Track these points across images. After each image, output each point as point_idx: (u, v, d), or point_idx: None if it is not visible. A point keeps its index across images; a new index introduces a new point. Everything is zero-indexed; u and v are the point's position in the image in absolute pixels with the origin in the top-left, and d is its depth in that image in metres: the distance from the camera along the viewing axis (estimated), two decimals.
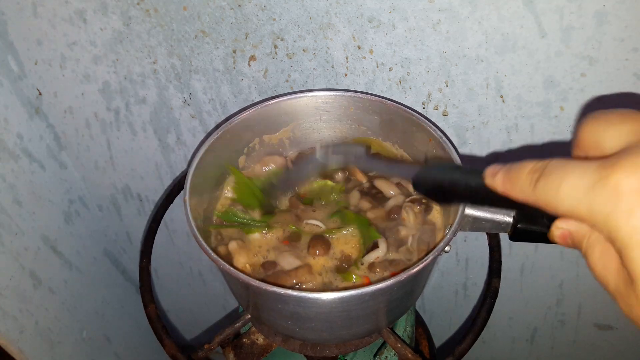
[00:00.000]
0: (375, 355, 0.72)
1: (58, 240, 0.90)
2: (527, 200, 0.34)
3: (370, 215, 0.63)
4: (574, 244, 0.34)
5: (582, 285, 0.90)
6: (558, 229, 0.35)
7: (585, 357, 1.06)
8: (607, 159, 0.30)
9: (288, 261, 0.58)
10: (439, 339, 1.15)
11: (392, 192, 0.65)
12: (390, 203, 0.64)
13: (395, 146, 0.68)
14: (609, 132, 0.32)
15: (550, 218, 0.52)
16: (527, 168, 0.34)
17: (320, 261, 0.59)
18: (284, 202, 0.66)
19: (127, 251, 1.13)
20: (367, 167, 0.66)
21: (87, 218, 1.00)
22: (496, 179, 0.37)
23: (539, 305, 0.98)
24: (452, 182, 0.44)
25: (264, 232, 0.61)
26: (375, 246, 0.59)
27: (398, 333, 0.71)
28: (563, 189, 0.31)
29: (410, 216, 0.61)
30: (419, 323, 0.87)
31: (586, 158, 0.33)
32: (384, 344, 0.72)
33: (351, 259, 0.59)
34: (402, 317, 0.75)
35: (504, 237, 0.60)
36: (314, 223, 0.62)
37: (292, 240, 0.61)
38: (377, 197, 0.65)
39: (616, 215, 0.28)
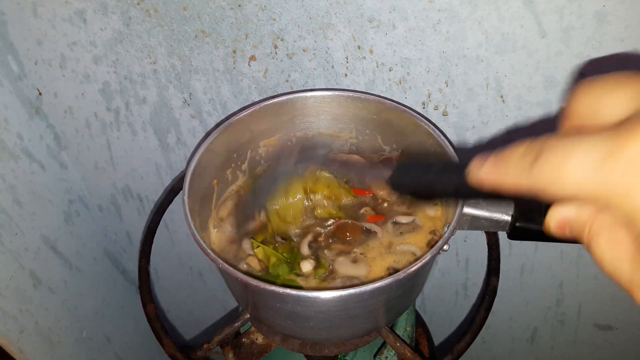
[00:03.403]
0: (375, 355, 0.72)
1: (58, 240, 0.90)
2: (522, 188, 0.29)
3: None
4: (574, 234, 0.30)
5: (582, 285, 0.90)
6: (554, 218, 0.30)
7: (585, 357, 1.06)
8: (617, 128, 0.26)
9: None
10: (439, 339, 1.15)
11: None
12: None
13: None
14: (608, 100, 0.29)
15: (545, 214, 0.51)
16: (518, 152, 0.30)
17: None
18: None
19: (127, 251, 1.13)
20: (337, 173, 0.63)
21: (87, 218, 1.00)
22: (483, 171, 0.32)
23: (539, 305, 0.98)
24: (431, 181, 0.41)
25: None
26: None
27: (398, 333, 0.71)
28: (568, 166, 0.27)
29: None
30: (419, 323, 0.87)
31: (581, 131, 0.29)
32: (384, 344, 0.72)
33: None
34: (402, 317, 0.75)
35: (503, 237, 0.60)
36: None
37: None
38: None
39: (638, 189, 0.24)
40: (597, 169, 0.26)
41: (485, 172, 0.32)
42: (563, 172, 0.27)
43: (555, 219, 0.30)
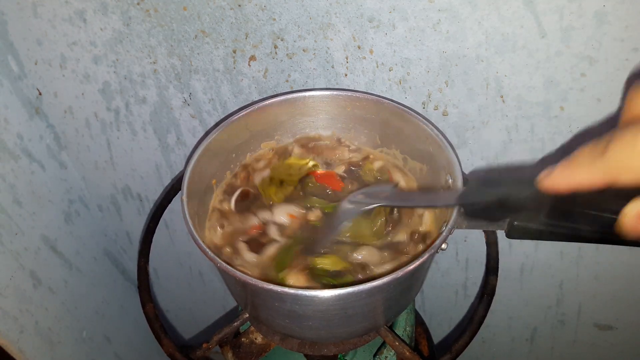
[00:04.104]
0: (374, 355, 0.72)
1: (58, 240, 0.90)
2: (596, 177, 0.30)
3: None
4: None
5: (582, 285, 0.90)
6: (629, 212, 0.31)
7: (585, 357, 1.06)
8: None
9: None
10: (439, 339, 1.15)
11: None
12: None
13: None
14: None
15: (549, 215, 0.51)
16: (586, 149, 0.31)
17: None
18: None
19: (127, 251, 1.13)
20: (401, 204, 0.60)
21: (87, 218, 1.00)
22: (553, 175, 0.34)
23: (539, 305, 0.98)
24: (502, 198, 0.41)
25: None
26: None
27: (397, 332, 0.71)
28: (638, 148, 0.28)
29: None
30: (419, 322, 0.87)
31: None
32: (383, 344, 0.72)
33: None
34: (402, 316, 0.75)
35: (503, 237, 0.60)
36: None
37: None
38: None
39: None
40: None
41: (556, 175, 0.34)
42: (635, 152, 0.28)
43: (632, 215, 0.31)
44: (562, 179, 0.33)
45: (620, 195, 0.31)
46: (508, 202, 0.41)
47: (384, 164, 0.69)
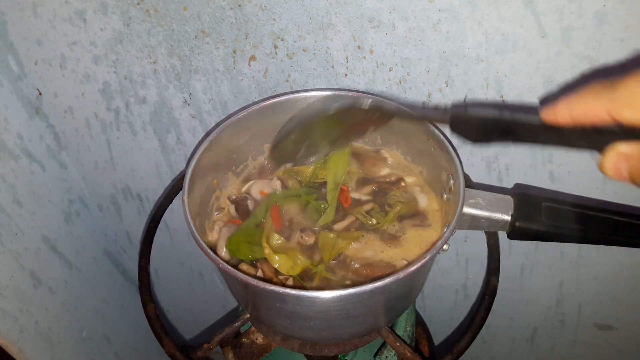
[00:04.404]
0: (375, 355, 0.72)
1: (58, 240, 0.90)
2: (600, 109, 0.31)
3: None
4: (630, 171, 0.32)
5: (582, 285, 0.90)
6: (613, 153, 0.32)
7: (585, 357, 1.06)
8: None
9: None
10: (439, 339, 1.15)
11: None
12: None
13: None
14: None
15: (549, 215, 0.51)
16: (597, 82, 0.32)
17: None
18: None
19: (127, 251, 1.13)
20: (398, 113, 0.56)
21: (87, 218, 1.00)
22: (558, 106, 0.35)
23: (539, 305, 0.98)
24: (497, 119, 0.41)
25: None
26: None
27: (398, 333, 0.71)
28: None
29: None
30: (419, 323, 0.87)
31: None
32: (384, 344, 0.72)
33: None
34: (402, 317, 0.75)
35: (503, 237, 0.60)
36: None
37: None
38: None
39: None
40: None
41: (560, 106, 0.34)
42: None
43: (613, 155, 0.32)
44: (566, 110, 0.34)
45: (613, 134, 0.32)
46: (503, 122, 0.40)
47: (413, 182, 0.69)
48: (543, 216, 0.52)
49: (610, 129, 0.33)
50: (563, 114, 0.34)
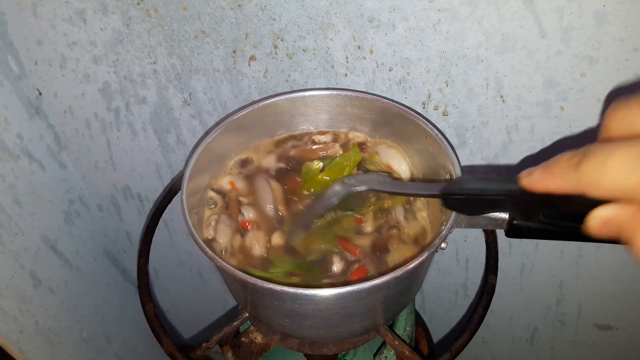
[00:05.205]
0: (374, 355, 0.72)
1: (58, 240, 0.90)
2: (568, 187, 0.33)
3: None
4: (614, 233, 0.33)
5: (582, 285, 0.90)
6: (597, 218, 0.34)
7: (585, 357, 1.06)
8: None
9: None
10: (439, 339, 1.15)
11: None
12: None
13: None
14: None
15: (547, 215, 0.51)
16: (566, 156, 0.34)
17: None
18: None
19: (127, 251, 1.13)
20: (393, 191, 0.61)
21: (87, 218, 1.00)
22: (533, 176, 0.37)
23: (539, 305, 0.98)
24: (483, 191, 0.43)
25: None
26: None
27: (397, 332, 0.71)
28: (607, 167, 0.30)
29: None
30: (419, 323, 0.87)
31: (618, 139, 0.33)
32: (383, 343, 0.72)
33: None
34: (402, 316, 0.75)
35: (503, 237, 0.60)
36: None
37: None
38: None
39: None
40: (634, 169, 0.29)
41: (536, 176, 0.37)
42: (603, 171, 0.31)
43: (597, 219, 0.34)
44: (540, 181, 0.36)
45: (590, 202, 0.34)
46: (488, 196, 0.43)
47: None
48: (541, 214, 0.52)
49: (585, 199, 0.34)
50: (538, 185, 0.37)
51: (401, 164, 0.67)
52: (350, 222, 0.62)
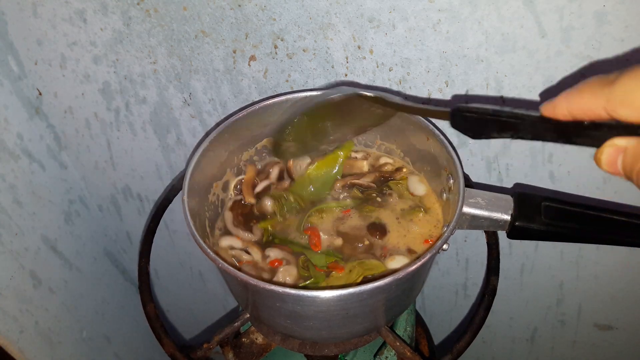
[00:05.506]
0: (375, 355, 0.72)
1: (58, 240, 0.90)
2: (597, 105, 0.32)
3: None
4: (628, 164, 0.32)
5: (582, 285, 0.90)
6: (608, 147, 0.33)
7: (585, 357, 1.06)
8: None
9: None
10: (439, 339, 1.15)
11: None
12: None
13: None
14: None
15: (549, 215, 0.51)
16: (596, 78, 0.33)
17: None
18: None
19: (127, 251, 1.13)
20: (400, 105, 0.55)
21: (87, 218, 1.00)
22: (556, 100, 0.35)
23: (539, 305, 0.98)
24: (497, 112, 0.41)
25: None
26: None
27: (398, 333, 0.71)
28: None
29: None
30: (419, 323, 0.87)
31: None
32: (384, 344, 0.72)
33: None
34: (402, 316, 0.75)
35: (503, 237, 0.60)
36: None
37: None
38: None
39: None
40: None
41: (559, 100, 0.35)
42: (638, 93, 0.30)
43: (612, 147, 0.33)
44: (565, 105, 0.35)
45: (611, 129, 0.33)
46: (500, 117, 0.41)
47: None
48: (543, 216, 0.52)
49: (608, 124, 0.33)
50: (562, 109, 0.35)
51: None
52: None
